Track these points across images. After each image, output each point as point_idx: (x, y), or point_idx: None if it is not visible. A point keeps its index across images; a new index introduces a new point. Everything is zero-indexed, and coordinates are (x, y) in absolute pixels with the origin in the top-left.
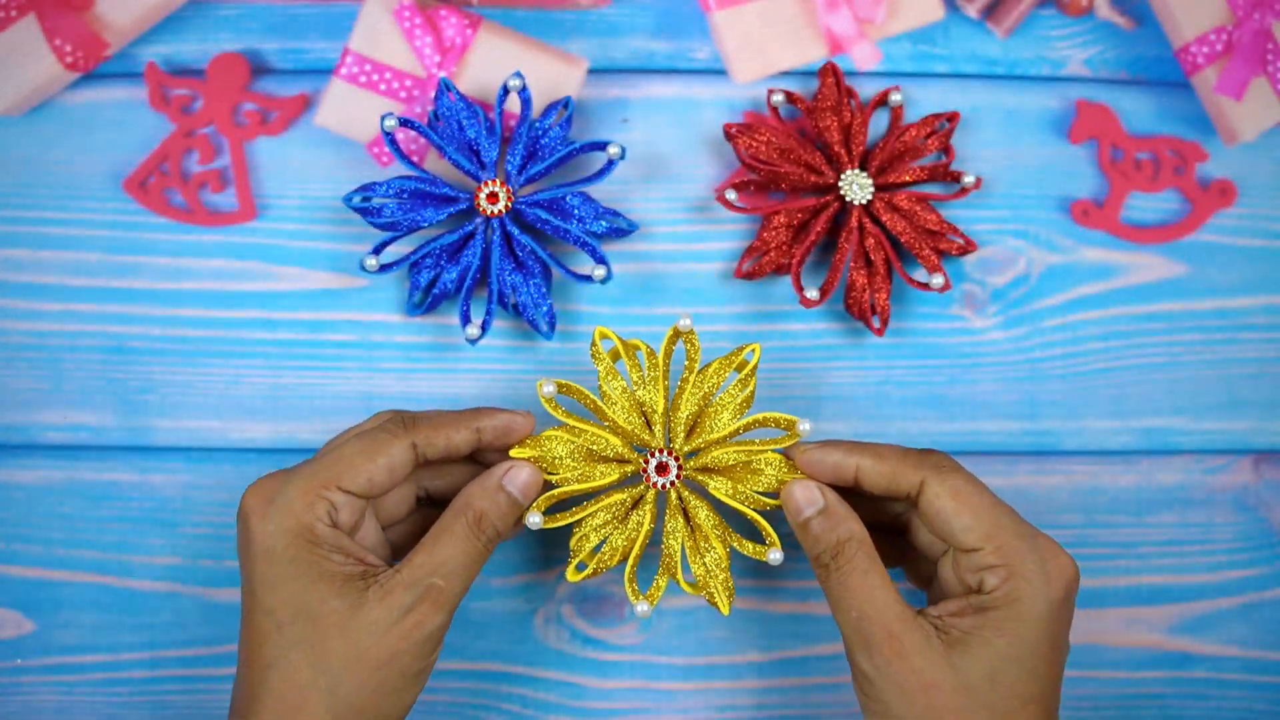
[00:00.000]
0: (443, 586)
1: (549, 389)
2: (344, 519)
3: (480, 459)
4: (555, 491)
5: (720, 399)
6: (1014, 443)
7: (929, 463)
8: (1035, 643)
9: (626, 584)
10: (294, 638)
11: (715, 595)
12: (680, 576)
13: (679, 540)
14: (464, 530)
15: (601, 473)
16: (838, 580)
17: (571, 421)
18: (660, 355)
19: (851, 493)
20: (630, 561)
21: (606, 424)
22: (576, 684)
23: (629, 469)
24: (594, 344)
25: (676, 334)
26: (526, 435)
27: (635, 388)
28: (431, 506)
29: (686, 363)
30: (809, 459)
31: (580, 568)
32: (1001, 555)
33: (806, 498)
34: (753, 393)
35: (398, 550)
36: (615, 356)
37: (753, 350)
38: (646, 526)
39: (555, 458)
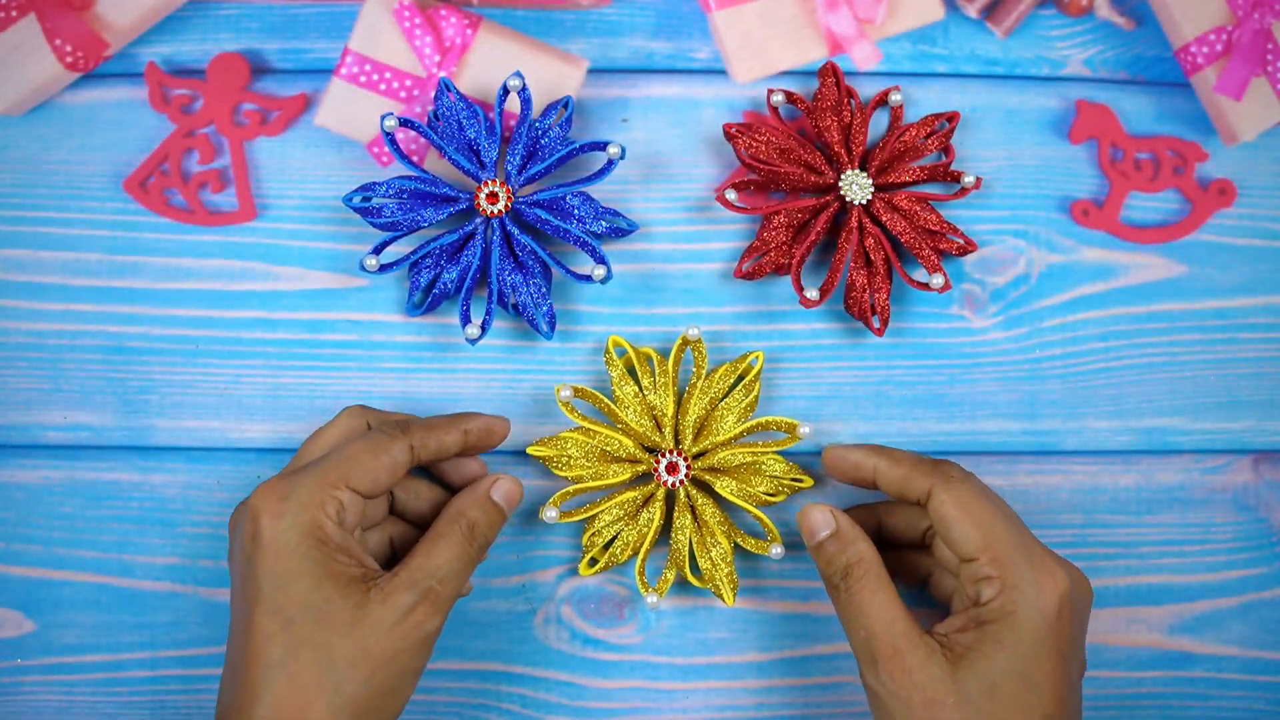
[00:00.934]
0: (440, 590)
1: (566, 393)
2: (349, 519)
3: (441, 475)
4: (570, 488)
5: (726, 403)
6: (1014, 443)
7: (939, 471)
8: (1032, 656)
9: (637, 576)
10: (302, 636)
11: (720, 587)
12: (687, 570)
13: (687, 535)
14: (459, 537)
15: (614, 471)
16: (847, 599)
17: (586, 424)
18: (670, 362)
19: (867, 517)
20: (641, 556)
21: (619, 426)
22: (576, 684)
23: (640, 468)
24: (607, 351)
25: (685, 342)
26: (504, 437)
27: (646, 392)
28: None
29: (694, 369)
30: (833, 456)
31: (592, 563)
32: (996, 567)
33: (821, 521)
34: (756, 397)
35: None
36: (627, 363)
37: (756, 357)
38: (656, 522)
39: (571, 457)
